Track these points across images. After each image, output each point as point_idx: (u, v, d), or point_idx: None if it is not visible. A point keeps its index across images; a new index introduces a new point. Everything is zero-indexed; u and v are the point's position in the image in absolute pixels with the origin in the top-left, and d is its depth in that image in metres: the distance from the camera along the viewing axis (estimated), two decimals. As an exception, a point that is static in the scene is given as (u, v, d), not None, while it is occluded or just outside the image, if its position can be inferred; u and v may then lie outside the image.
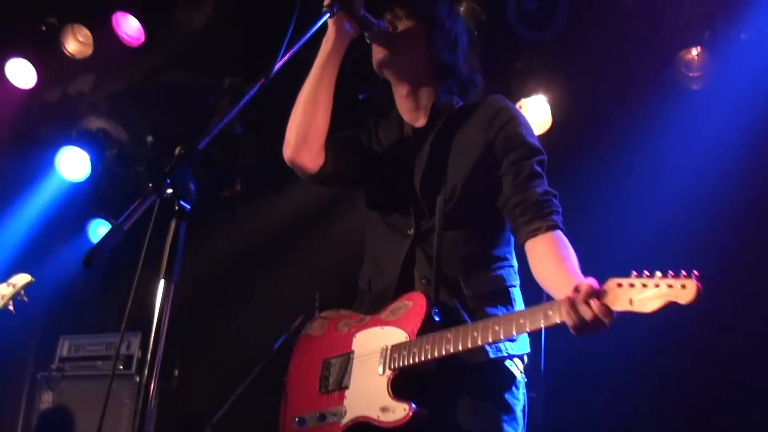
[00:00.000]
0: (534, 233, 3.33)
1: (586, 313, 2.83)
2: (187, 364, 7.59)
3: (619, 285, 2.79)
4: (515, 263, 3.59)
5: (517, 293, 3.52)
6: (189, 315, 8.28)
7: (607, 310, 2.81)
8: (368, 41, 3.63)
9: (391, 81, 3.76)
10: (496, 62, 6.81)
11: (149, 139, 8.24)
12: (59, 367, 7.35)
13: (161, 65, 7.63)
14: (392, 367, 3.33)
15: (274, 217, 8.01)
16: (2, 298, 5.77)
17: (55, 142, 8.02)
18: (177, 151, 2.62)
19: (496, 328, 3.09)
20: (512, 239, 3.57)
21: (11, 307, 5.81)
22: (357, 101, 4.25)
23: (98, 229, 8.14)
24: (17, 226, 8.08)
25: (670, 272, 2.69)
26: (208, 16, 7.12)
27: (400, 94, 3.75)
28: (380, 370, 3.36)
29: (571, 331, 2.90)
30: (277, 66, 3.02)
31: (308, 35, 3.18)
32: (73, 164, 7.98)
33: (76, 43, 7.29)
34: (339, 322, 3.70)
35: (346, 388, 3.47)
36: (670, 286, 2.68)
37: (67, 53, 7.28)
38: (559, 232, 3.34)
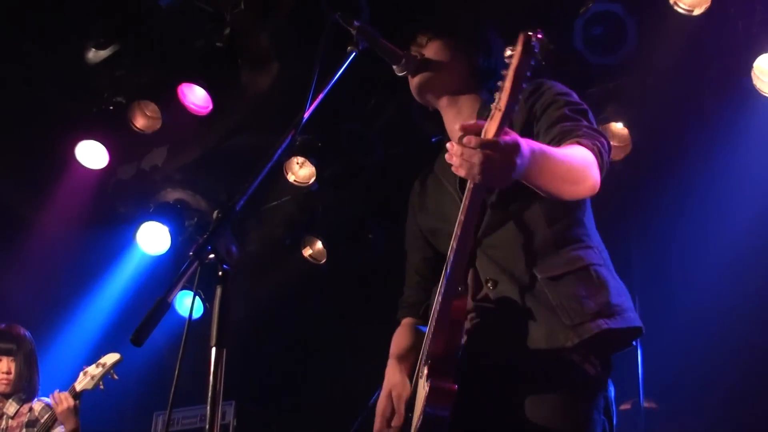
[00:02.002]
0: None
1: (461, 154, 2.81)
2: (284, 426, 7.71)
3: (495, 106, 2.75)
4: (599, 245, 3.43)
5: (605, 272, 3.34)
6: (283, 377, 8.45)
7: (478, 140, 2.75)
8: (399, 74, 3.70)
9: (436, 104, 3.80)
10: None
11: (228, 201, 8.41)
12: (155, 444, 7.52)
13: (231, 130, 7.86)
14: (424, 362, 3.29)
15: (359, 271, 8.09)
16: (93, 378, 5.97)
17: (134, 218, 8.26)
18: (215, 214, 2.70)
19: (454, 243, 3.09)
20: (586, 222, 3.45)
21: (102, 387, 6.02)
22: (430, 144, 4.33)
23: (184, 301, 8.31)
24: (102, 305, 8.32)
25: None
26: (273, 77, 7.32)
27: (447, 112, 3.79)
28: (422, 375, 3.31)
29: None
30: (307, 115, 3.08)
31: (336, 78, 3.25)
32: (153, 238, 8.18)
33: (145, 118, 7.52)
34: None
35: (412, 414, 3.43)
36: (509, 59, 2.66)
37: (137, 129, 7.52)
38: (579, 146, 3.13)
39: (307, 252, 8.28)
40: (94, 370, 6.01)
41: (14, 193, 8.38)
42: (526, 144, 2.84)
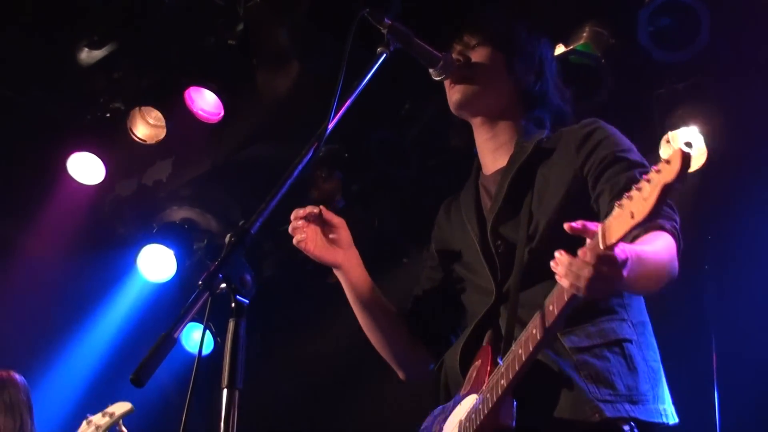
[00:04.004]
0: None
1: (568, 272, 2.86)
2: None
3: (620, 205, 2.74)
4: (635, 318, 3.53)
5: (636, 352, 3.45)
6: (304, 422, 8.46)
7: (594, 254, 2.78)
8: (435, 79, 3.77)
9: (471, 121, 3.91)
10: (633, 92, 6.85)
11: (242, 224, 8.43)
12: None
13: (246, 139, 7.91)
14: None
15: (392, 301, 8.08)
16: (97, 428, 5.95)
17: (134, 240, 8.31)
18: (227, 237, 2.77)
19: (533, 331, 3.15)
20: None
21: (107, 440, 5.99)
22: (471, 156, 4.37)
23: (192, 336, 8.33)
24: (99, 339, 8.35)
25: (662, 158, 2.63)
26: (293, 79, 7.36)
27: (481, 135, 3.90)
28: None
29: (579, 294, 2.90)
30: (332, 123, 3.16)
31: (365, 82, 3.34)
32: (156, 263, 8.22)
33: (147, 126, 7.60)
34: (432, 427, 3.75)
35: None
36: (658, 171, 2.60)
37: (137, 139, 7.60)
38: (662, 234, 3.25)
39: (332, 279, 8.27)
40: (99, 420, 5.98)
41: (-3, 213, 8.45)
42: (633, 254, 2.92)
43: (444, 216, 4.08)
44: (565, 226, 2.87)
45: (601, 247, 2.78)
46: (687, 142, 2.56)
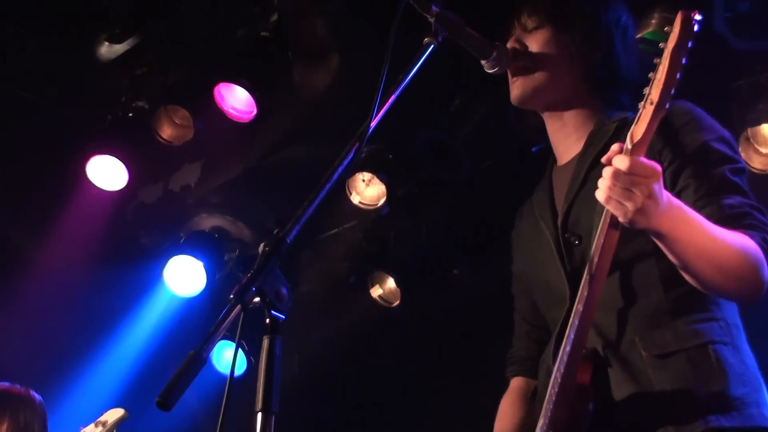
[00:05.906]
0: None
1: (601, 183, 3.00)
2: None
3: (642, 104, 2.90)
4: (729, 318, 3.46)
5: (729, 353, 3.36)
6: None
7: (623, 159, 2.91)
8: (488, 71, 3.75)
9: (538, 112, 3.91)
10: (708, 85, 6.80)
11: (277, 232, 8.44)
12: None
13: (281, 140, 7.92)
14: None
15: (442, 316, 8.07)
16: (90, 440, 6.02)
17: (160, 251, 8.35)
18: (261, 247, 2.75)
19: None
20: None
21: (101, 451, 6.06)
22: (530, 155, 4.37)
23: (223, 353, 8.37)
24: (122, 358, 8.39)
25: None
26: (332, 74, 7.37)
27: (552, 124, 3.89)
28: None
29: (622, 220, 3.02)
30: (373, 124, 3.13)
31: (409, 78, 3.30)
32: (184, 276, 8.25)
33: (173, 126, 7.66)
34: None
35: None
36: (663, 46, 2.77)
37: (163, 141, 7.66)
38: (744, 235, 3.22)
39: (376, 292, 8.27)
40: (92, 431, 6.06)
41: (11, 223, 8.49)
42: (676, 200, 2.99)
43: (519, 219, 4.07)
44: (603, 160, 3.02)
45: (629, 146, 2.91)
46: (694, 11, 2.60)
